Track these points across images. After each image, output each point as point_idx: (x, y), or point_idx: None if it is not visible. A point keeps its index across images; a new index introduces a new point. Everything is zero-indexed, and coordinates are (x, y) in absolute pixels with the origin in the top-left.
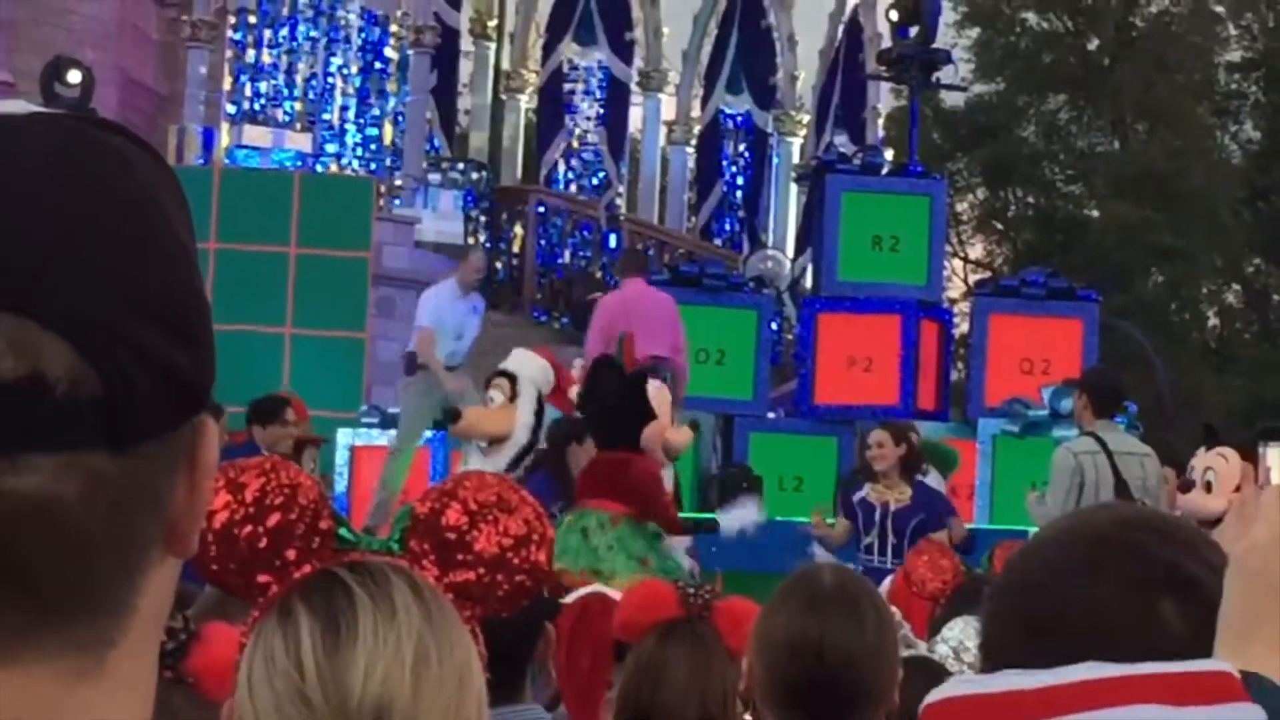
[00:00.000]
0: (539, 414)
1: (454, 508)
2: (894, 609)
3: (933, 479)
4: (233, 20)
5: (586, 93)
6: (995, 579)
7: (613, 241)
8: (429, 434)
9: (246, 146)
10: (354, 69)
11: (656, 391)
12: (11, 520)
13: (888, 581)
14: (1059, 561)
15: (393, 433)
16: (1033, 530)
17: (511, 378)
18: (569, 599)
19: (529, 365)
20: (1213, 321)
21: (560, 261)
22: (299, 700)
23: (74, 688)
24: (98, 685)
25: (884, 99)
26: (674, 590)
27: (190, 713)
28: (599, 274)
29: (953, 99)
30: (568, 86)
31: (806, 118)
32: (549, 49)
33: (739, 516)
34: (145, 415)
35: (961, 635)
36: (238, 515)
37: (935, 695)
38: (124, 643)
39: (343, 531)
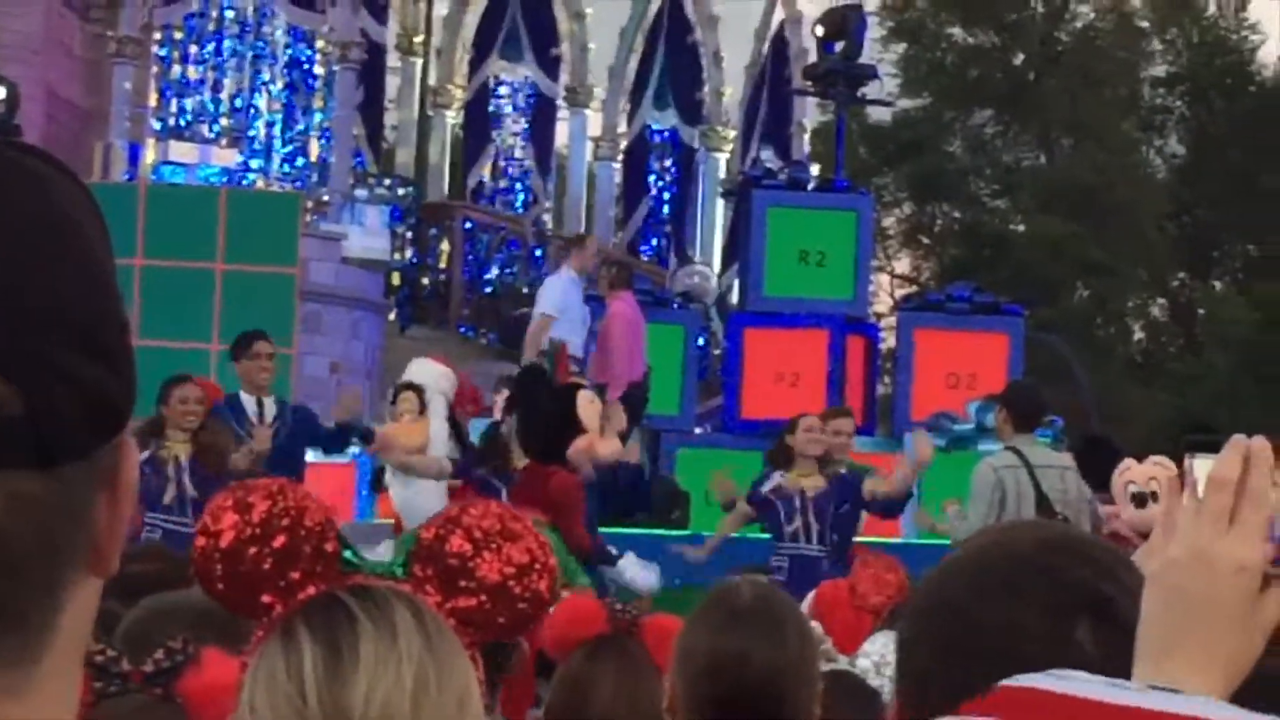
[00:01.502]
0: (452, 420)
1: (458, 534)
2: (818, 624)
3: None
4: (158, 36)
5: (513, 108)
6: (911, 598)
7: (540, 257)
8: (356, 450)
9: (172, 162)
10: (280, 85)
11: (587, 404)
12: None
13: (815, 592)
14: (976, 583)
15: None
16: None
17: (418, 389)
18: None
19: (433, 375)
20: (1138, 335)
21: (487, 277)
22: None
23: (1, 706)
24: (22, 702)
25: (810, 114)
26: (601, 606)
27: None
28: (526, 290)
29: (879, 114)
30: (494, 102)
31: (733, 133)
32: (475, 65)
33: (636, 573)
34: (68, 436)
35: (883, 649)
36: (244, 535)
37: (1021, 680)
38: (48, 660)
39: (347, 554)
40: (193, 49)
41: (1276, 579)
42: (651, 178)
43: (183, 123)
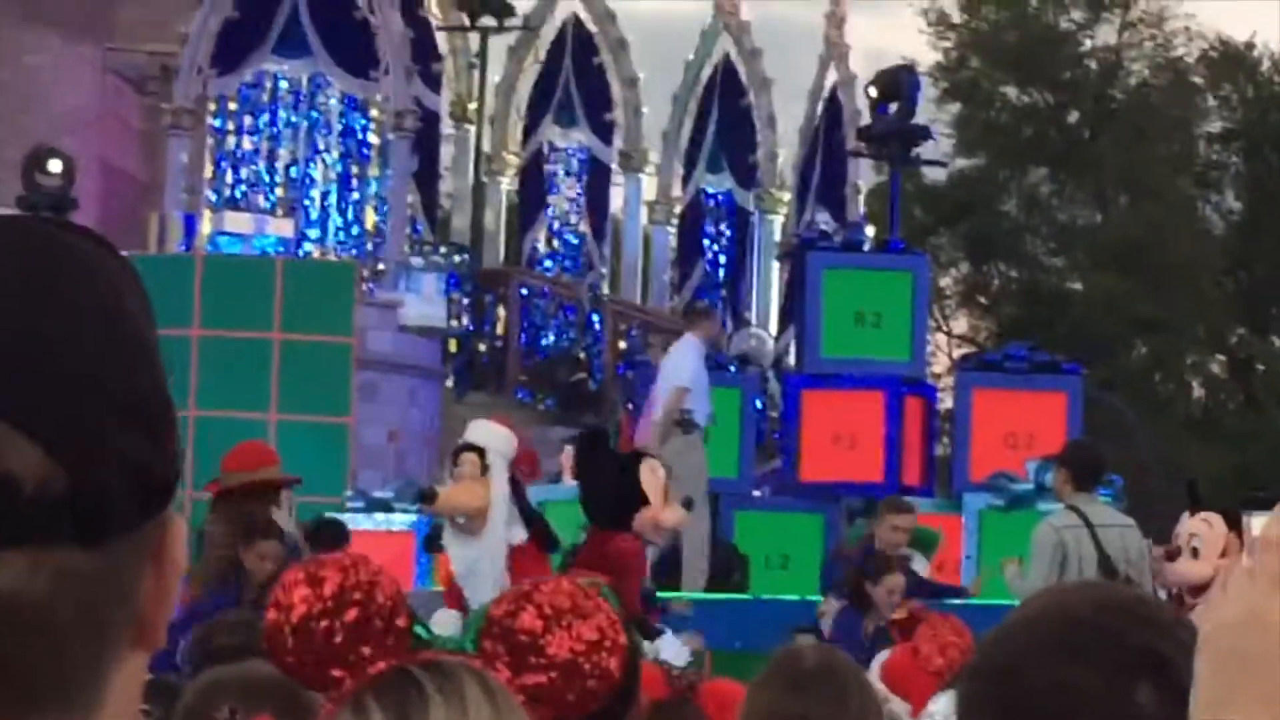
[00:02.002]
0: (513, 482)
1: (529, 611)
2: (883, 685)
3: (917, 563)
4: (213, 107)
5: (567, 174)
6: (971, 659)
7: (596, 322)
8: (414, 518)
9: (228, 233)
10: (335, 154)
11: (650, 474)
12: None
13: (887, 654)
14: (1034, 644)
15: (379, 516)
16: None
17: (479, 450)
18: None
19: (494, 436)
20: (1197, 392)
21: (543, 343)
22: None
23: None
24: None
25: (864, 175)
26: (660, 671)
27: None
28: (582, 355)
29: (934, 174)
30: (549, 168)
31: (787, 195)
32: (529, 131)
33: (671, 653)
34: (113, 512)
35: (947, 708)
36: (315, 609)
37: None
38: None
39: (418, 629)
40: (247, 119)
41: None
42: (706, 241)
43: (238, 193)
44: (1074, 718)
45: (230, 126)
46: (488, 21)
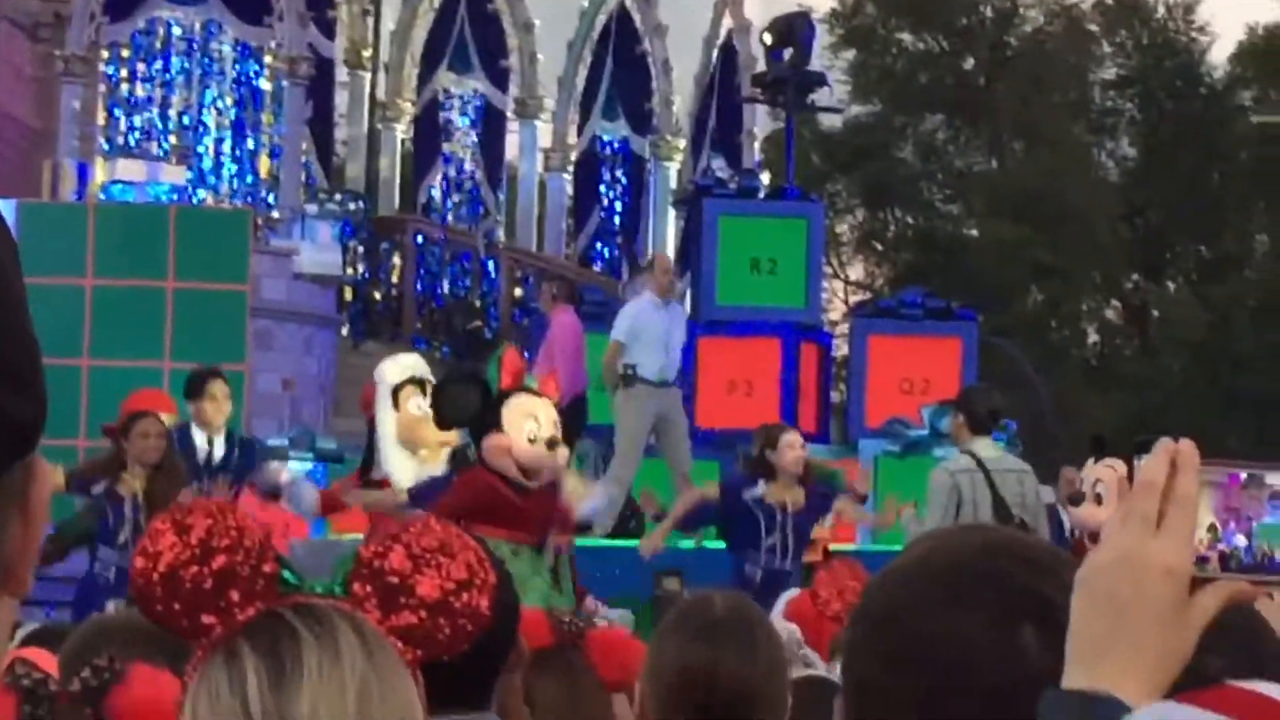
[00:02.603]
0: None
1: (397, 551)
2: (796, 628)
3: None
4: (105, 54)
5: (463, 121)
6: (857, 604)
7: (492, 269)
8: (309, 466)
9: (121, 181)
10: (228, 101)
11: (517, 408)
12: None
13: (789, 596)
14: (916, 589)
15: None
16: None
17: (422, 384)
18: None
19: (421, 366)
20: (1093, 338)
21: (439, 290)
22: None
23: None
24: None
25: (760, 122)
26: (547, 618)
27: None
28: (478, 302)
29: (830, 121)
30: (444, 115)
31: (683, 142)
32: (424, 78)
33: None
34: None
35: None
36: (183, 557)
37: (1246, 684)
38: None
39: (286, 575)
40: (140, 66)
41: (1204, 582)
42: (602, 188)
43: (131, 141)
44: (957, 662)
45: (123, 74)
46: None
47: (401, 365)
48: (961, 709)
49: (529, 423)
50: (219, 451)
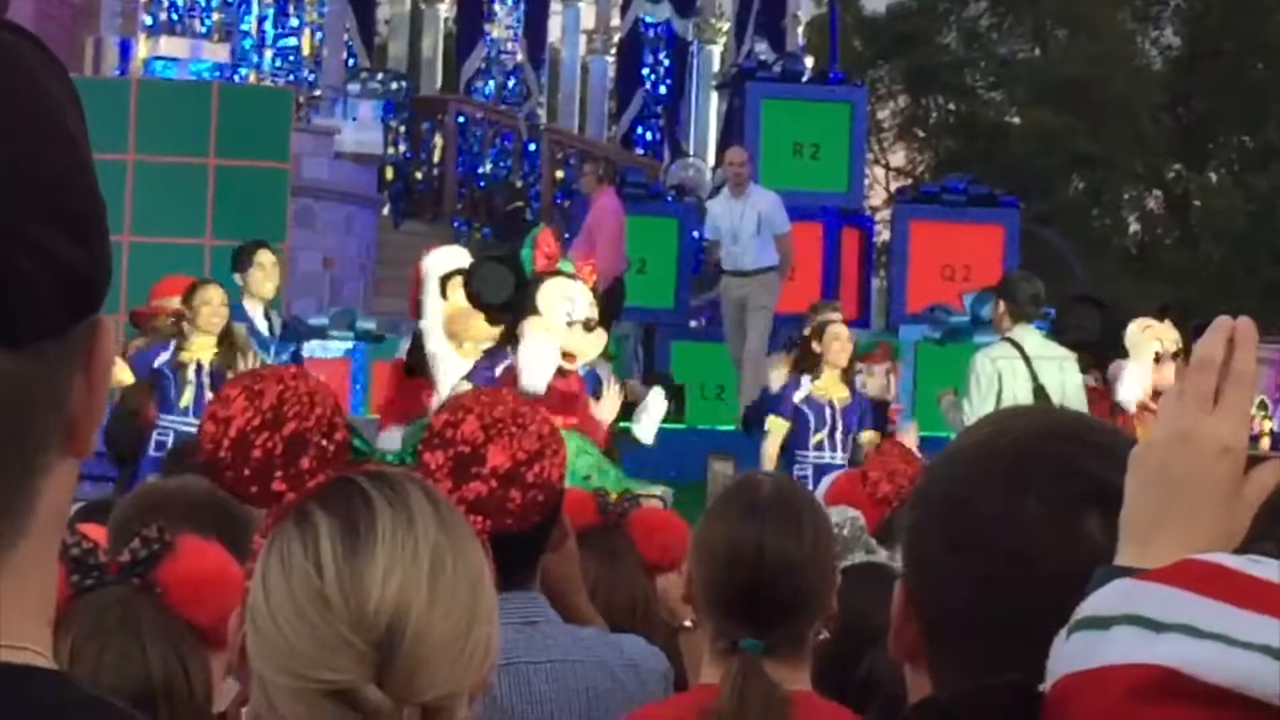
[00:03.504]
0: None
1: (469, 421)
2: (859, 514)
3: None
4: None
5: (505, 1)
6: (917, 487)
7: (533, 151)
8: (350, 345)
9: (164, 58)
10: None
11: (554, 289)
12: None
13: (832, 476)
14: (981, 473)
15: (314, 343)
16: (951, 435)
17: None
18: None
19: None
20: (1133, 227)
21: (480, 171)
22: (317, 601)
23: None
24: None
25: (804, 6)
26: (592, 498)
27: (155, 622)
28: (519, 184)
29: (874, 6)
30: None
31: (726, 25)
32: None
33: (651, 417)
34: (41, 314)
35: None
36: (254, 423)
37: (1207, 556)
38: (25, 544)
39: (357, 443)
40: None
41: (1259, 460)
42: (645, 71)
43: (174, 18)
44: (1018, 547)
45: None
46: None
47: (450, 256)
48: (1023, 594)
49: (565, 305)
50: (278, 324)
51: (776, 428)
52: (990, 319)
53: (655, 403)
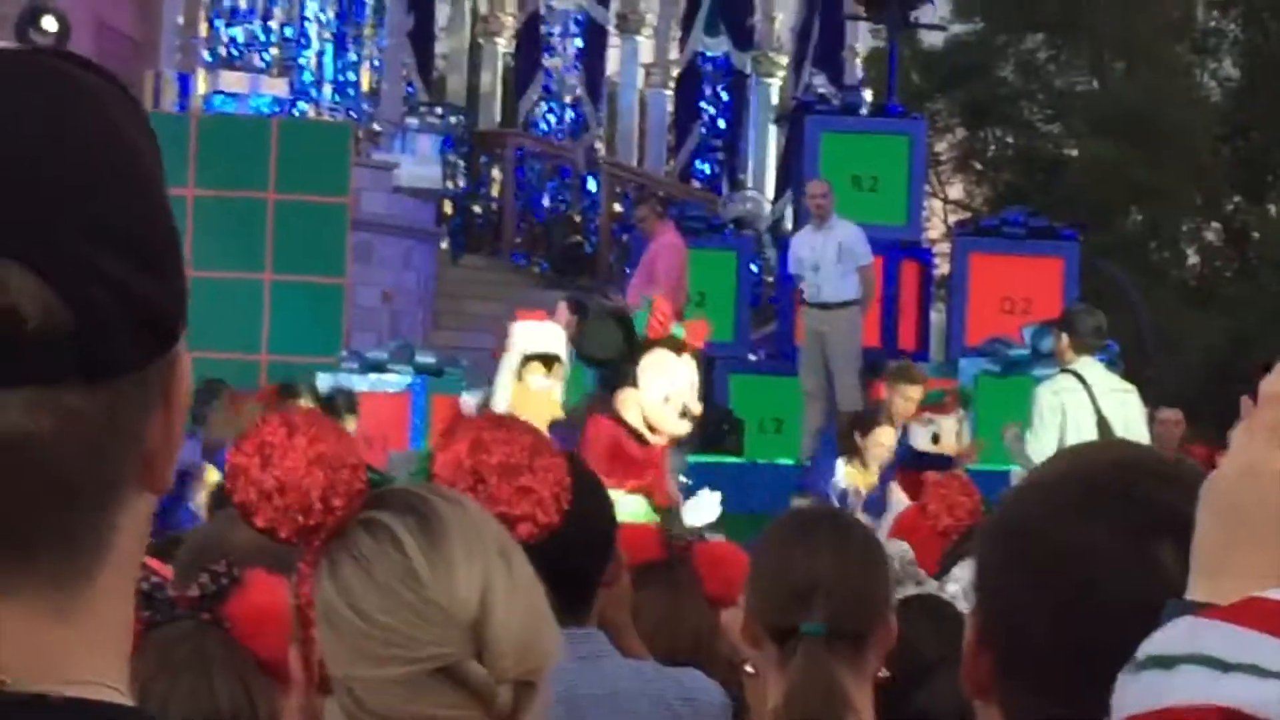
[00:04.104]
0: None
1: (461, 439)
2: (906, 546)
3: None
4: None
5: (564, 36)
6: (989, 519)
7: (592, 185)
8: (409, 379)
9: (223, 92)
10: (330, 13)
11: (659, 362)
12: None
13: (896, 513)
14: (1054, 504)
15: (373, 376)
16: (1014, 469)
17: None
18: None
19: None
20: (1192, 259)
21: (539, 206)
22: (411, 581)
23: (52, 627)
24: (76, 624)
25: (862, 39)
26: (658, 533)
27: (224, 657)
28: (578, 218)
29: (931, 39)
30: (545, 30)
31: (785, 59)
32: None
33: (701, 514)
34: (118, 349)
35: (973, 575)
36: (281, 464)
37: (1271, 593)
38: (101, 579)
39: (373, 475)
40: None
41: None
42: (703, 104)
43: (233, 52)
44: (1091, 578)
45: None
46: None
47: (540, 335)
48: (1096, 625)
49: (667, 382)
50: None
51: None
52: (1050, 352)
53: (709, 504)
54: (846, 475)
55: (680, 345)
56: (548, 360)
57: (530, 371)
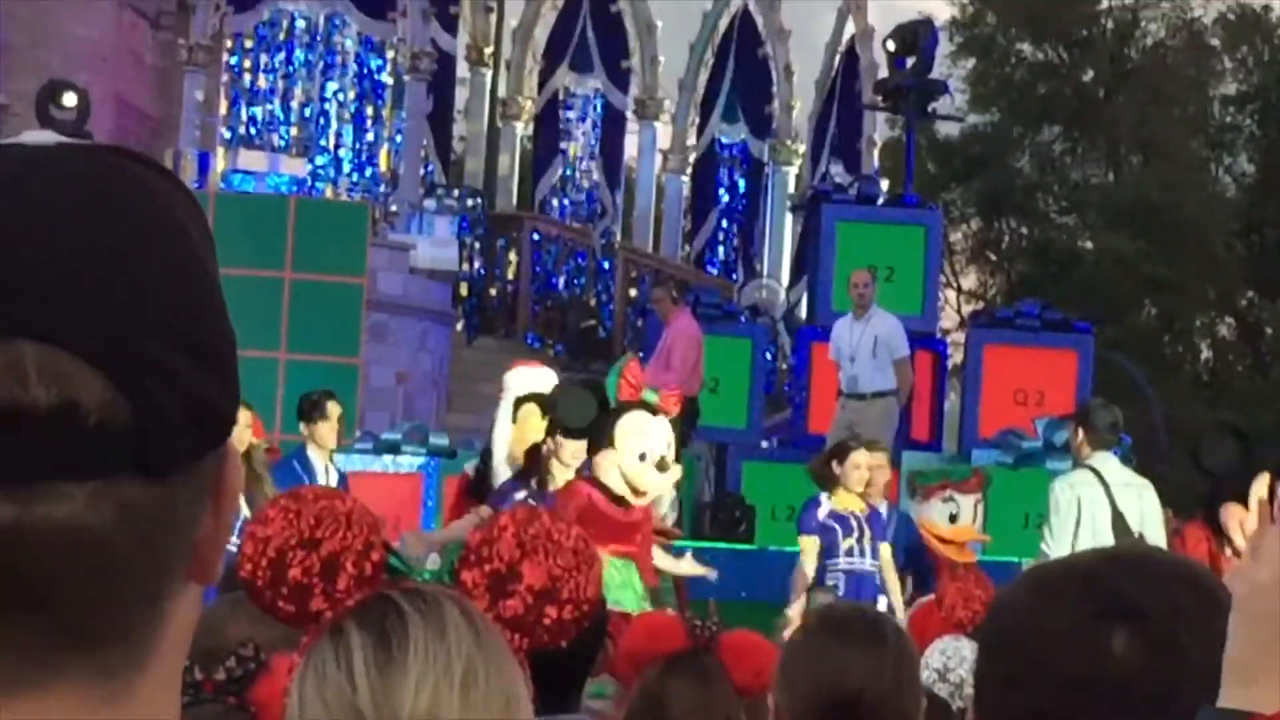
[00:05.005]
0: None
1: (505, 539)
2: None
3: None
4: (229, 45)
5: (582, 120)
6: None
7: (607, 269)
8: (422, 460)
9: (242, 171)
10: (350, 95)
11: (631, 424)
12: (43, 548)
13: (913, 608)
14: (1018, 589)
15: (387, 458)
16: (1025, 560)
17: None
18: None
19: (549, 382)
20: (1205, 354)
21: (555, 288)
22: (350, 713)
23: (101, 714)
24: (124, 711)
25: (879, 129)
26: (681, 622)
27: None
28: (593, 301)
29: (946, 129)
30: (564, 114)
31: (802, 147)
32: (545, 76)
33: (679, 564)
34: (174, 443)
35: (943, 657)
36: (291, 542)
37: None
38: (150, 668)
39: (394, 562)
40: (263, 58)
41: None
42: (720, 191)
43: (252, 131)
44: (1037, 651)
45: (246, 64)
46: None
47: (530, 377)
48: (1038, 695)
49: (640, 440)
50: (334, 477)
51: (809, 546)
52: (1062, 445)
53: (688, 563)
54: (839, 501)
55: (654, 408)
56: (542, 402)
57: (527, 414)
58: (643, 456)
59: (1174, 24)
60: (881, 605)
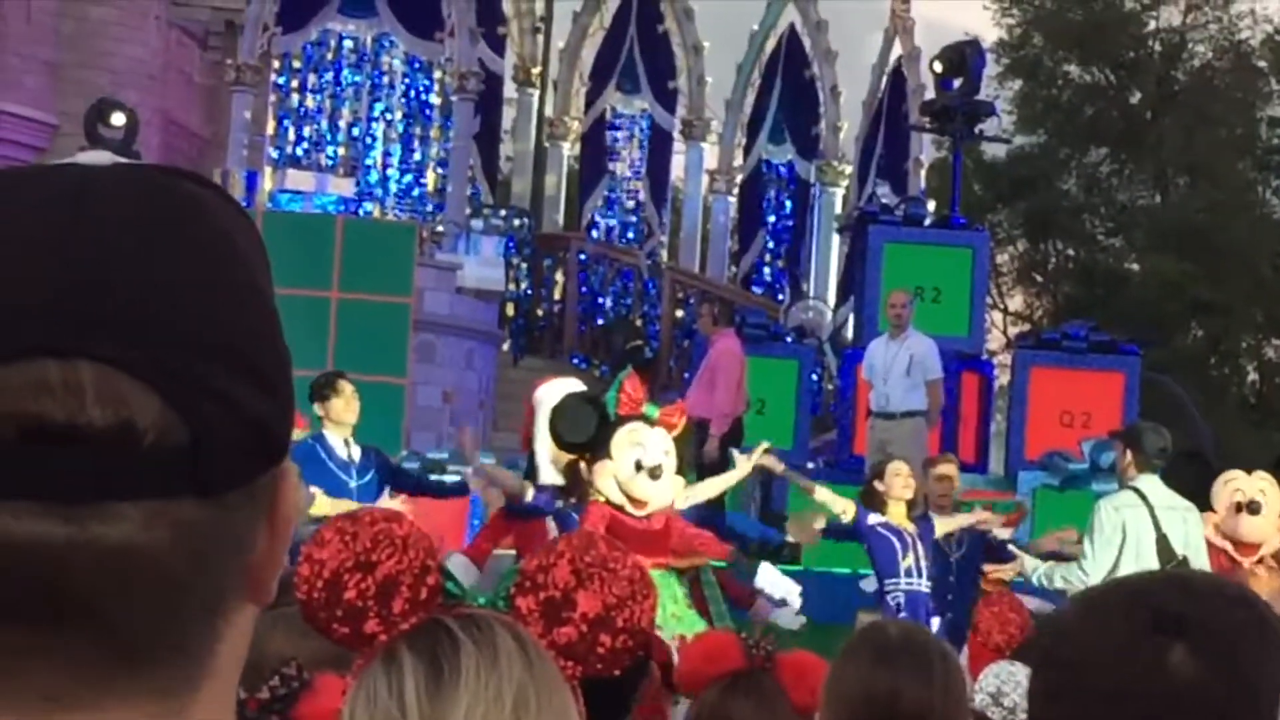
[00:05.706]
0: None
1: (561, 566)
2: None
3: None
4: (277, 65)
5: (629, 140)
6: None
7: (654, 289)
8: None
9: (289, 191)
10: (398, 114)
11: (628, 435)
12: (100, 568)
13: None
14: (1067, 607)
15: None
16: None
17: None
18: None
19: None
20: (1252, 376)
21: (601, 309)
22: None
23: None
24: None
25: (926, 150)
26: (738, 641)
27: None
28: (639, 322)
29: (993, 150)
30: (611, 134)
31: (849, 168)
32: (592, 97)
33: (782, 585)
34: (230, 464)
35: (997, 681)
36: (347, 564)
37: None
38: (206, 688)
39: (450, 586)
40: (311, 77)
41: None
42: (767, 211)
43: (300, 151)
44: (1078, 662)
45: (294, 84)
46: None
47: (562, 388)
48: (1093, 710)
49: (636, 451)
50: (356, 453)
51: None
52: (1109, 467)
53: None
54: (892, 517)
55: (652, 421)
56: None
57: None
58: (638, 466)
59: (1221, 46)
60: (934, 626)
